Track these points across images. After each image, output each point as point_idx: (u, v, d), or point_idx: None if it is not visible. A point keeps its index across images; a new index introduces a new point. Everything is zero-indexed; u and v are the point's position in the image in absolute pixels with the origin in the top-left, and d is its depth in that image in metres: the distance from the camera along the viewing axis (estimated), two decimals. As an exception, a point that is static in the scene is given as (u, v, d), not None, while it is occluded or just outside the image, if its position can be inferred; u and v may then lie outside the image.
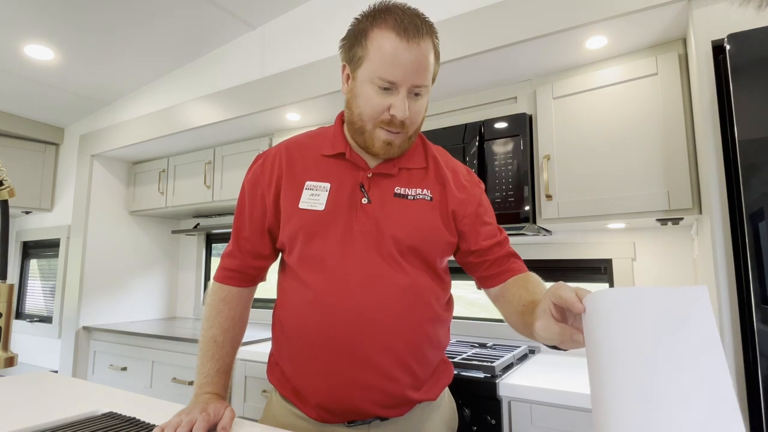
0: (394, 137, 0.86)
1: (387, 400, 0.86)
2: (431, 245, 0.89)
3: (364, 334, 0.83)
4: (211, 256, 3.24)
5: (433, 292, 0.91)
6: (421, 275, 0.89)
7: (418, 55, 0.81)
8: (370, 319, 0.83)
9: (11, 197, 0.94)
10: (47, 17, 2.10)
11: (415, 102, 0.85)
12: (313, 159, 0.94)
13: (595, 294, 0.58)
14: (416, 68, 0.81)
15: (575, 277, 1.90)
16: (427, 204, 0.91)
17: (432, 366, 0.93)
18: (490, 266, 0.96)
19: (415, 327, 0.87)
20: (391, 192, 0.90)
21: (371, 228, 0.87)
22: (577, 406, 1.22)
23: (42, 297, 3.36)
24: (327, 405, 0.86)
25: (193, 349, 2.16)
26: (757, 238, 1.02)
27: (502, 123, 1.68)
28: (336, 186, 0.90)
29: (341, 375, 0.84)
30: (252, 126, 2.35)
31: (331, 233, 0.87)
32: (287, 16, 2.18)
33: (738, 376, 1.06)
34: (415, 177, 0.93)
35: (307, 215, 0.88)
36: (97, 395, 1.02)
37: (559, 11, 1.46)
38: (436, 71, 0.88)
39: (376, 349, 0.83)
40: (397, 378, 0.85)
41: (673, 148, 1.42)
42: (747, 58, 1.07)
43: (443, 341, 0.96)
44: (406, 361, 0.86)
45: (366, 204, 0.88)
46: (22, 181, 3.18)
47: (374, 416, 0.87)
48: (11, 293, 0.92)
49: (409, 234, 0.87)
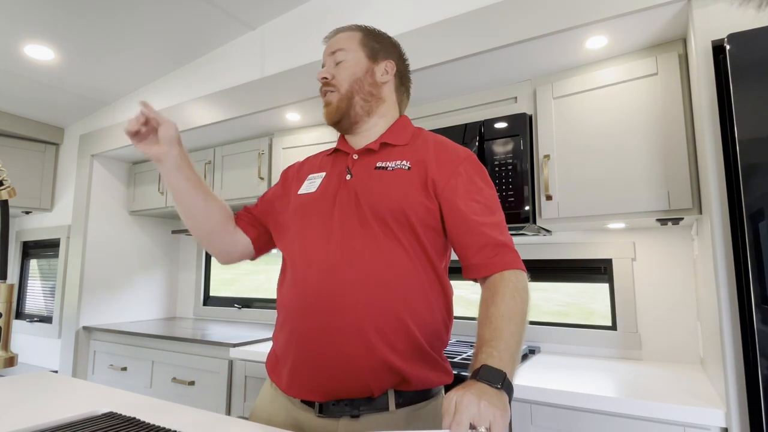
0: (326, 97, 1.02)
1: (364, 365, 0.84)
2: (407, 208, 0.89)
3: (336, 298, 0.85)
4: (211, 257, 3.23)
5: (414, 263, 0.89)
6: (401, 243, 0.89)
7: (331, 41, 1.06)
8: (347, 278, 0.86)
9: (11, 197, 0.94)
10: (47, 17, 2.10)
11: (338, 64, 1.02)
12: (318, 160, 1.09)
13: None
14: (330, 46, 1.04)
15: (575, 277, 1.90)
16: (405, 172, 0.94)
17: (414, 341, 0.87)
18: (467, 254, 0.91)
19: (392, 291, 0.86)
20: (372, 166, 0.96)
21: (351, 199, 0.93)
22: (577, 406, 1.22)
23: (42, 297, 3.36)
24: (300, 377, 0.87)
25: (193, 349, 2.16)
26: (757, 238, 1.02)
27: (502, 123, 1.68)
28: (329, 173, 1.01)
29: (318, 334, 0.86)
30: (252, 126, 2.35)
31: (318, 210, 0.96)
32: (287, 16, 2.18)
33: (738, 376, 1.06)
34: (397, 152, 0.98)
35: (302, 198, 1.00)
36: (97, 395, 1.02)
37: (559, 11, 1.46)
38: (366, 41, 1.04)
39: (355, 309, 0.85)
40: (371, 339, 0.84)
41: (673, 148, 1.42)
42: (747, 58, 1.07)
43: (429, 320, 0.90)
44: (378, 323, 0.84)
45: (349, 180, 0.96)
46: (22, 181, 3.18)
47: (350, 393, 0.85)
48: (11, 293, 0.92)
49: (383, 199, 0.90)
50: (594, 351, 1.76)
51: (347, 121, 1.01)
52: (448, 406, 0.65)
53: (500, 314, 0.79)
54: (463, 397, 0.65)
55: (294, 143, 2.30)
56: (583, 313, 1.90)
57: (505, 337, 0.76)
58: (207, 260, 3.23)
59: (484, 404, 0.65)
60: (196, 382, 2.12)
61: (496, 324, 0.78)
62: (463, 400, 0.65)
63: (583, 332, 1.79)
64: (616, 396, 1.18)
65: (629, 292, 1.74)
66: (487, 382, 0.69)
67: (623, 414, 1.17)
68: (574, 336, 1.80)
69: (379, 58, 1.03)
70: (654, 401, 1.13)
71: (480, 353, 0.75)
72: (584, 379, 1.38)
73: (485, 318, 0.80)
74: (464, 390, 0.67)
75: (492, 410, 0.65)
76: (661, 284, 1.69)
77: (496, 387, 0.69)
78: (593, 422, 1.20)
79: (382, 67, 1.03)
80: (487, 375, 0.70)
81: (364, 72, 1.01)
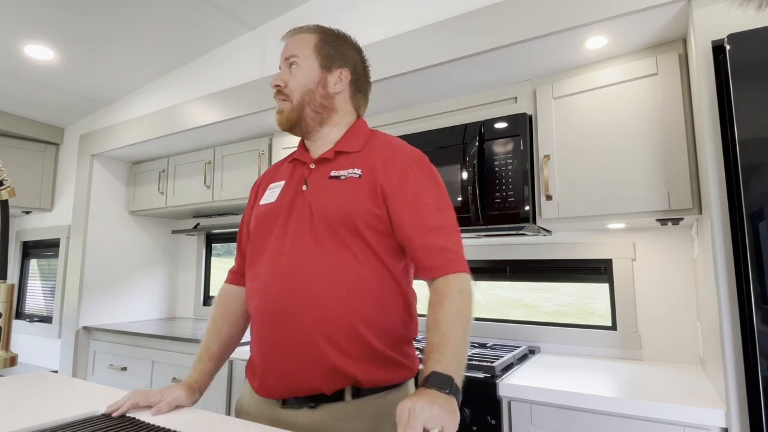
0: (279, 105, 1.03)
1: (316, 370, 0.89)
2: (355, 216, 0.92)
3: (289, 309, 0.90)
4: (211, 256, 3.23)
5: (365, 269, 0.92)
6: (351, 252, 0.92)
7: (287, 43, 1.06)
8: (298, 290, 0.90)
9: (11, 197, 0.94)
10: (47, 17, 2.10)
11: (291, 73, 1.03)
12: (279, 169, 1.12)
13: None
14: (286, 49, 1.05)
15: (575, 277, 1.90)
16: (356, 180, 0.96)
17: (367, 345, 0.90)
18: (415, 257, 0.93)
19: (341, 299, 0.90)
20: (327, 176, 0.99)
21: (305, 211, 0.96)
22: (577, 406, 1.22)
23: (42, 297, 3.36)
24: (266, 381, 0.94)
25: (192, 349, 2.16)
26: (757, 238, 1.02)
27: (502, 123, 1.68)
28: (288, 182, 1.04)
29: (276, 343, 0.92)
30: (252, 126, 2.35)
31: (277, 221, 0.99)
32: (287, 16, 2.18)
33: (738, 376, 1.06)
34: (350, 159, 1.01)
35: (263, 208, 1.03)
36: (97, 395, 1.02)
37: (559, 11, 1.46)
38: (320, 47, 1.04)
39: (305, 319, 0.89)
40: (320, 346, 0.88)
41: (673, 148, 1.42)
42: (747, 58, 1.07)
43: (385, 322, 0.93)
44: (328, 331, 0.89)
45: (305, 190, 0.99)
46: (22, 181, 3.18)
47: (307, 392, 0.90)
48: (11, 293, 0.92)
49: (334, 209, 0.93)
50: (594, 351, 1.76)
51: (299, 130, 1.04)
52: (401, 413, 0.71)
53: (447, 319, 0.84)
54: (416, 404, 0.71)
55: (294, 143, 2.30)
56: (583, 313, 1.90)
57: (452, 342, 0.82)
58: (207, 260, 3.23)
59: (436, 409, 0.71)
60: (196, 382, 2.12)
61: (444, 330, 0.83)
62: (416, 407, 0.70)
63: (583, 332, 1.79)
64: (616, 396, 1.18)
65: (629, 292, 1.74)
66: (436, 388, 0.76)
67: (623, 414, 1.17)
68: (574, 336, 1.80)
69: (333, 67, 1.03)
70: (654, 401, 1.13)
71: (429, 360, 0.81)
72: (584, 379, 1.38)
73: (433, 323, 0.85)
74: (416, 398, 0.73)
75: (443, 414, 0.71)
76: (661, 284, 1.69)
77: (445, 392, 0.75)
78: (593, 422, 1.20)
79: (336, 76, 1.03)
80: (437, 381, 0.76)
81: (316, 83, 1.02)
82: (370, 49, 1.84)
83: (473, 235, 1.89)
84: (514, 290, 2.09)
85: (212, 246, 3.24)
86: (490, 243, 2.06)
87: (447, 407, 0.72)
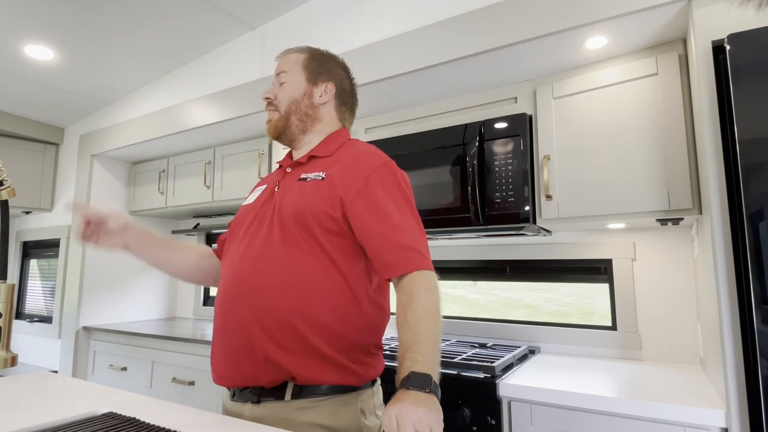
0: (269, 114, 1.13)
1: (251, 359, 0.93)
2: (308, 215, 0.96)
3: (235, 301, 0.95)
4: (211, 256, 3.23)
5: (314, 267, 0.94)
6: (302, 250, 0.95)
7: (279, 63, 1.16)
8: (243, 281, 0.95)
9: (11, 197, 0.94)
10: (47, 17, 2.10)
11: (281, 85, 1.12)
12: (271, 173, 1.19)
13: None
14: (277, 67, 1.15)
15: (575, 277, 1.90)
16: (318, 182, 1.01)
17: (304, 341, 0.91)
18: (376, 257, 0.94)
19: (280, 292, 0.93)
20: (297, 178, 1.05)
21: (270, 210, 1.02)
22: (577, 406, 1.22)
23: (42, 297, 3.36)
24: (216, 367, 0.99)
25: (192, 349, 2.16)
26: (757, 238, 1.02)
27: (502, 123, 1.68)
28: (268, 186, 1.11)
29: (224, 331, 0.97)
30: (252, 126, 2.35)
31: (246, 220, 1.06)
32: (287, 16, 2.18)
33: (738, 376, 1.06)
34: (320, 163, 1.06)
35: (242, 210, 1.11)
36: (97, 395, 1.02)
37: (559, 11, 1.46)
38: (308, 63, 1.14)
39: (245, 308, 0.94)
40: (255, 335, 0.92)
41: (673, 148, 1.42)
42: (747, 58, 1.07)
43: (329, 322, 0.93)
44: (263, 321, 0.92)
45: (276, 192, 1.06)
46: (22, 181, 3.18)
47: (247, 381, 0.94)
48: (11, 293, 0.92)
49: (290, 208, 0.98)
50: (594, 351, 1.76)
51: (285, 138, 1.13)
52: (389, 422, 0.71)
53: (418, 317, 0.85)
54: (402, 409, 0.71)
55: (294, 143, 2.30)
56: (583, 313, 1.90)
57: (426, 339, 0.82)
58: (207, 260, 3.22)
59: (422, 411, 0.71)
60: (196, 382, 2.12)
61: (416, 328, 0.83)
62: (403, 412, 0.71)
63: (583, 332, 1.79)
64: (616, 396, 1.18)
65: (629, 293, 1.74)
66: (417, 388, 0.76)
67: (623, 414, 1.17)
68: (574, 336, 1.80)
69: (319, 81, 1.13)
70: (654, 401, 1.14)
71: (405, 360, 0.81)
72: (584, 379, 1.38)
73: (404, 322, 0.86)
74: (400, 402, 0.73)
75: (430, 415, 0.72)
76: (661, 284, 1.69)
77: (426, 391, 0.75)
78: (593, 422, 1.20)
79: (321, 89, 1.12)
80: (416, 381, 0.77)
81: (302, 94, 1.11)
82: (370, 49, 1.84)
83: (473, 235, 1.89)
84: (514, 290, 2.09)
85: (212, 246, 3.23)
86: (490, 243, 2.06)
87: (431, 407, 0.74)
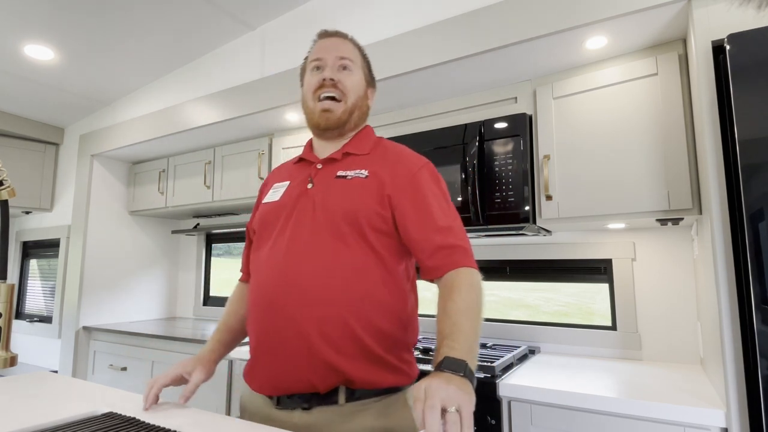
0: (330, 104, 1.01)
1: (308, 364, 0.88)
2: (359, 214, 0.93)
3: (283, 302, 0.91)
4: (211, 257, 3.23)
5: (364, 268, 0.92)
6: (351, 249, 0.92)
7: (336, 41, 1.06)
8: (293, 284, 0.91)
9: (11, 197, 0.94)
10: (47, 17, 2.10)
11: (345, 73, 1.03)
12: (286, 169, 1.13)
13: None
14: (336, 46, 1.04)
15: (575, 277, 1.90)
16: (362, 180, 0.98)
17: (361, 345, 0.89)
18: (422, 257, 0.94)
19: (337, 295, 0.90)
20: (333, 175, 1.00)
21: (308, 207, 0.97)
22: (577, 406, 1.22)
23: (42, 297, 3.36)
24: (257, 374, 0.95)
25: (192, 349, 2.16)
26: (757, 238, 1.02)
27: (502, 123, 1.68)
28: (293, 182, 1.05)
29: (270, 336, 0.92)
30: (252, 126, 2.35)
31: (279, 218, 1.00)
32: (287, 16, 2.18)
33: (738, 376, 1.06)
34: (358, 161, 1.02)
35: (266, 207, 1.04)
36: (97, 395, 1.02)
37: (559, 11, 1.46)
38: (364, 64, 1.08)
39: (299, 312, 0.89)
40: (313, 340, 0.88)
41: (673, 148, 1.42)
42: (747, 58, 1.07)
43: (381, 323, 0.92)
44: (321, 326, 0.88)
45: (309, 189, 1.00)
46: (22, 181, 3.18)
47: (300, 388, 0.89)
48: (11, 293, 0.92)
49: (337, 207, 0.94)
50: (594, 351, 1.76)
51: (336, 132, 1.05)
52: (418, 393, 0.68)
53: (457, 309, 0.83)
54: (431, 383, 0.69)
55: (294, 143, 2.30)
56: (583, 313, 1.90)
57: (464, 330, 0.80)
58: (207, 260, 3.23)
59: (452, 388, 0.68)
60: (196, 382, 2.12)
61: (454, 319, 0.82)
62: (432, 385, 0.68)
63: (583, 332, 1.79)
64: (616, 396, 1.18)
65: (629, 292, 1.74)
66: (450, 371, 0.73)
67: (623, 414, 1.17)
68: (574, 336, 1.80)
69: (370, 85, 1.11)
70: (654, 401, 1.13)
71: (441, 347, 0.79)
72: (584, 379, 1.38)
73: (443, 313, 0.84)
74: (431, 379, 0.71)
75: (460, 394, 0.68)
76: (661, 284, 1.69)
77: (459, 375, 0.73)
78: (593, 422, 1.20)
79: (370, 93, 1.12)
80: (450, 365, 0.74)
81: (363, 92, 1.08)
82: (371, 49, 1.84)
83: (473, 235, 1.89)
84: (514, 290, 2.09)
85: (212, 246, 3.24)
86: (490, 243, 2.06)
87: (464, 388, 0.70)
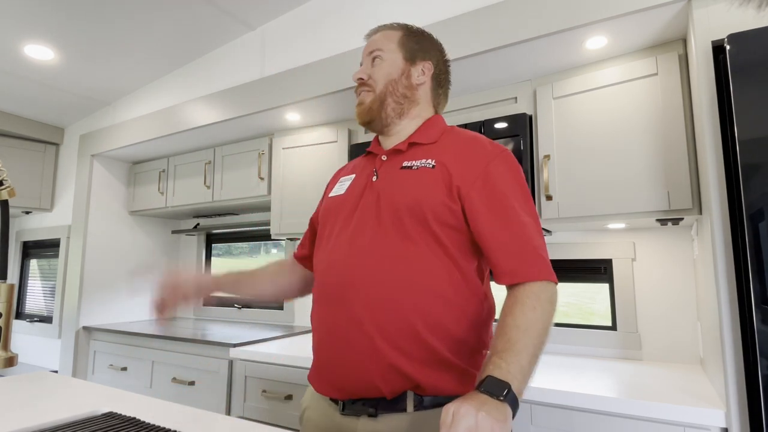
0: (361, 96, 1.02)
1: (372, 366, 0.83)
2: (425, 206, 0.87)
3: (345, 298, 0.87)
4: (211, 257, 3.23)
5: (432, 264, 0.86)
6: (416, 244, 0.87)
7: (371, 40, 1.07)
8: (355, 279, 0.87)
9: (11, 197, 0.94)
10: (47, 17, 2.10)
11: (375, 64, 1.03)
12: (354, 163, 1.11)
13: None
14: (370, 45, 1.06)
15: (575, 277, 1.90)
16: (429, 170, 0.91)
17: (428, 347, 0.83)
18: (493, 259, 0.86)
19: (401, 294, 0.84)
20: (398, 166, 0.96)
21: (373, 200, 0.93)
22: (577, 407, 1.22)
23: (42, 297, 3.36)
24: (322, 374, 0.91)
25: (192, 349, 2.16)
26: (757, 238, 1.02)
27: (502, 123, 1.68)
28: (358, 175, 1.02)
29: (333, 331, 0.89)
30: (252, 126, 2.35)
31: (342, 212, 0.98)
32: (287, 16, 2.18)
33: (738, 376, 1.06)
34: (424, 150, 0.97)
35: (330, 201, 1.03)
36: (97, 395, 1.02)
37: (559, 11, 1.46)
38: (404, 41, 1.04)
39: (361, 312, 0.85)
40: (377, 342, 0.83)
41: (673, 148, 1.42)
42: (747, 58, 1.07)
43: (450, 325, 0.85)
44: (386, 328, 0.83)
45: (375, 181, 0.96)
46: (22, 181, 3.18)
47: (364, 390, 0.84)
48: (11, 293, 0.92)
49: (402, 198, 0.89)
50: (594, 351, 1.76)
51: (378, 123, 1.01)
52: (445, 417, 0.64)
53: (516, 325, 0.76)
54: (461, 407, 0.64)
55: (294, 143, 2.30)
56: (583, 313, 1.90)
57: (518, 348, 0.73)
58: (207, 260, 3.23)
59: (482, 415, 0.63)
60: (196, 382, 2.12)
61: (510, 335, 0.75)
62: (460, 411, 0.63)
63: (583, 332, 1.79)
64: (616, 396, 1.18)
65: (629, 292, 1.74)
66: (488, 393, 0.67)
67: (623, 414, 1.17)
68: (574, 336, 1.80)
69: (417, 60, 1.02)
70: (654, 401, 1.13)
71: (488, 364, 0.73)
72: (584, 379, 1.38)
73: (500, 328, 0.78)
74: (462, 401, 0.65)
75: (490, 421, 0.63)
76: (661, 284, 1.69)
77: (498, 398, 0.67)
78: (593, 422, 1.20)
79: (419, 69, 1.02)
80: (490, 386, 0.69)
81: (400, 73, 1.00)
82: (370, 49, 1.84)
83: (473, 235, 1.89)
84: (514, 290, 2.09)
85: (212, 246, 3.24)
86: (490, 243, 2.06)
87: (496, 415, 0.64)
